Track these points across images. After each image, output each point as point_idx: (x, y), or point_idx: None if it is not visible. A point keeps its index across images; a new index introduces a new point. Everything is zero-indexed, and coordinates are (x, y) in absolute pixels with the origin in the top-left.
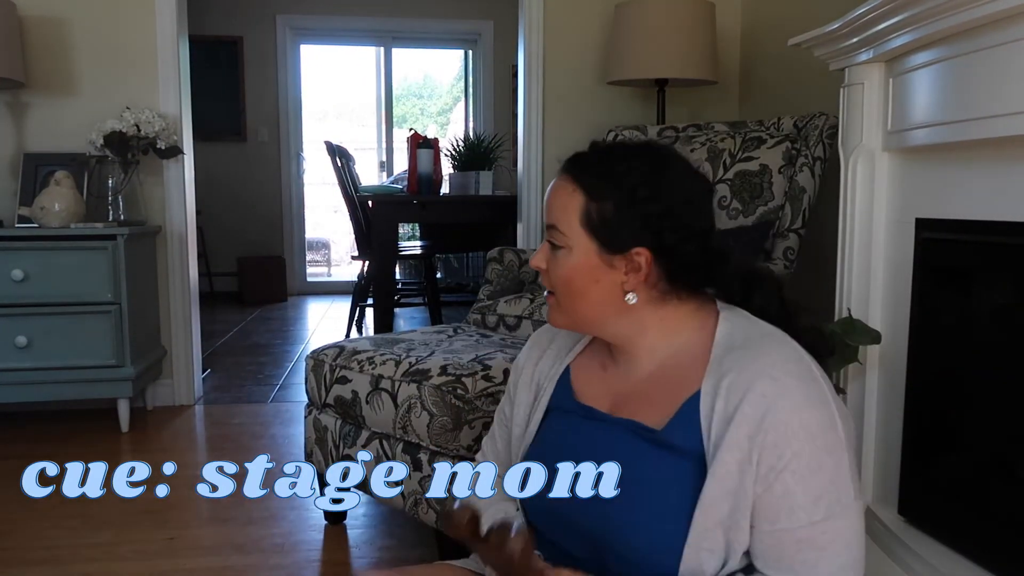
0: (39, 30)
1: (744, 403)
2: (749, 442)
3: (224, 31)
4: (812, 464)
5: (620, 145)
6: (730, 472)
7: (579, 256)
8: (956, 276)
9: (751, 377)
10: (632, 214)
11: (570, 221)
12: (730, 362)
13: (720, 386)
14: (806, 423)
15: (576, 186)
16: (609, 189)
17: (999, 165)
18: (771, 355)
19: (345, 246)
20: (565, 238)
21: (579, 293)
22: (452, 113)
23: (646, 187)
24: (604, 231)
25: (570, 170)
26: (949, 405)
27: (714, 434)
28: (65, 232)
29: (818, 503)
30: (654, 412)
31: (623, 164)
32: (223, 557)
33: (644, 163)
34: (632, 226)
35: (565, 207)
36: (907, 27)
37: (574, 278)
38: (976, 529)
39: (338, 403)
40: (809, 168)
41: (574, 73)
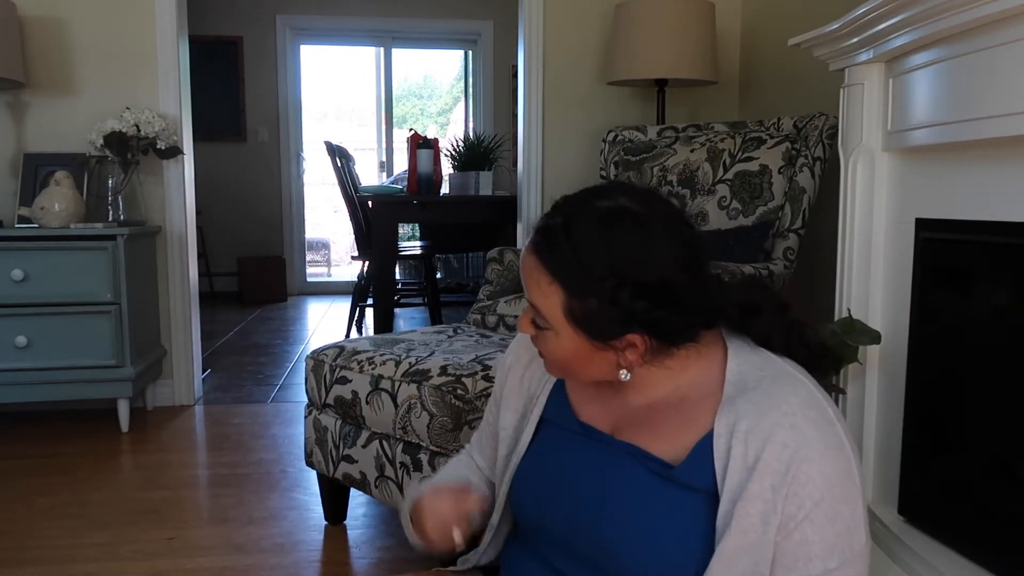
0: (39, 30)
1: (765, 453)
2: (773, 493)
3: (224, 31)
4: (830, 513)
5: (589, 218)
6: (753, 525)
7: (567, 343)
8: (956, 276)
9: (770, 426)
10: (618, 310)
11: (552, 312)
12: (745, 405)
13: (736, 430)
14: (826, 473)
15: (552, 278)
16: (590, 287)
17: (999, 165)
18: (789, 401)
19: (345, 246)
20: (550, 324)
21: (575, 369)
22: (452, 113)
23: (628, 281)
24: (589, 326)
25: (543, 256)
26: (949, 405)
27: (732, 482)
28: (65, 232)
29: (833, 551)
30: (663, 443)
31: (601, 255)
32: (223, 557)
33: (623, 245)
34: (620, 320)
35: (545, 297)
36: (907, 27)
37: (568, 360)
38: (976, 529)
39: (338, 403)
40: (809, 168)
41: (574, 73)
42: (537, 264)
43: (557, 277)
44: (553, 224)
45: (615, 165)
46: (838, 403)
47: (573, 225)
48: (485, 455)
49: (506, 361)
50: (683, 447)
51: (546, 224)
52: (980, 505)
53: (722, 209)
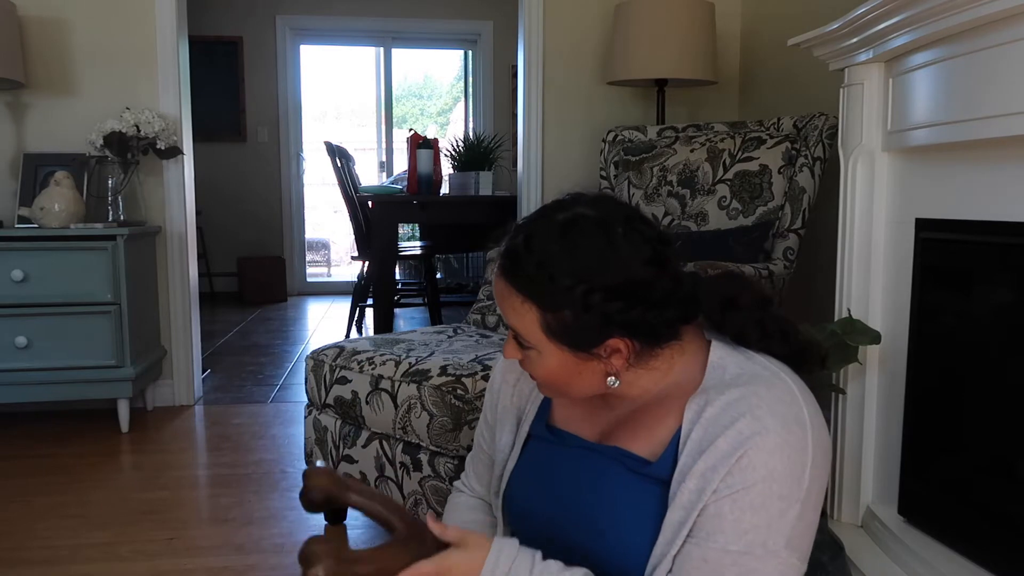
0: (39, 30)
1: (720, 437)
2: (712, 472)
3: (224, 31)
4: (756, 502)
5: (549, 234)
6: (691, 500)
7: (551, 360)
8: (956, 276)
9: (734, 415)
10: (593, 316)
11: (530, 331)
12: (716, 395)
13: (701, 416)
14: (772, 466)
15: (524, 297)
16: (561, 298)
17: (999, 165)
18: (760, 394)
19: (345, 246)
20: (531, 344)
21: (565, 384)
22: (452, 113)
23: (595, 286)
24: (569, 337)
25: (510, 278)
26: (949, 405)
27: (684, 463)
28: (65, 232)
29: (742, 536)
30: (642, 440)
31: (566, 264)
32: (223, 557)
33: (587, 253)
34: (598, 325)
35: (521, 317)
36: (907, 27)
37: (556, 377)
38: (976, 529)
39: (338, 403)
40: (809, 168)
41: (574, 73)
42: (507, 286)
43: (528, 295)
44: (515, 244)
45: (615, 165)
46: (838, 403)
47: (534, 241)
48: (483, 481)
49: (494, 384)
50: (659, 443)
51: (509, 246)
52: (980, 505)
53: (722, 209)
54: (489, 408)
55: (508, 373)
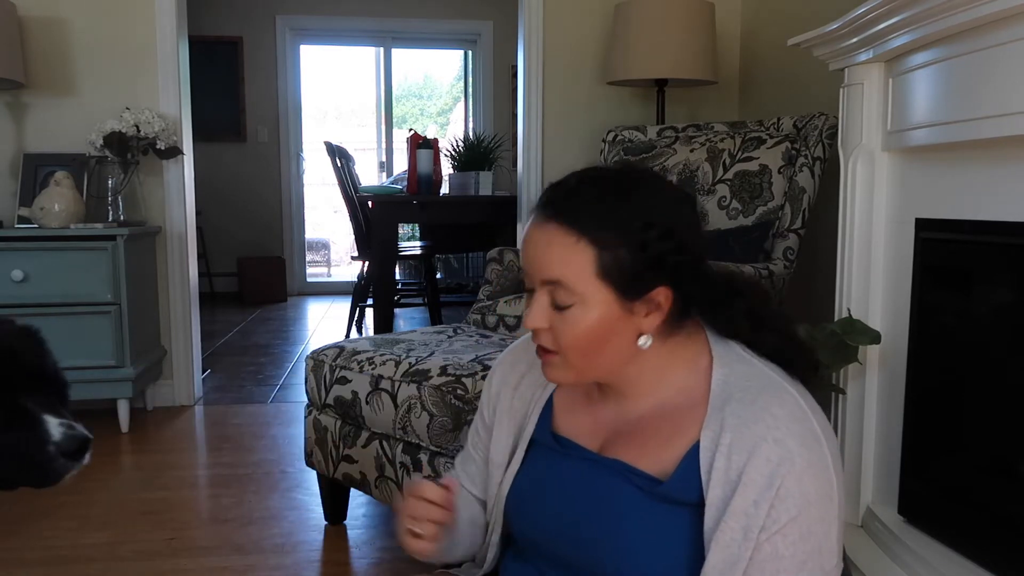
0: (39, 30)
1: (749, 467)
2: (755, 507)
3: (224, 31)
4: (804, 531)
5: (603, 178)
6: (736, 540)
7: (597, 310)
8: (956, 276)
9: (754, 440)
10: (648, 256)
11: (580, 275)
12: (730, 416)
13: (720, 442)
14: (806, 491)
15: (579, 236)
16: (619, 234)
17: (999, 165)
18: (774, 413)
19: (345, 246)
20: (576, 295)
21: (596, 349)
22: (452, 113)
23: (655, 224)
24: (623, 279)
25: (563, 217)
26: (949, 405)
27: (715, 496)
28: (65, 232)
29: (802, 568)
30: (650, 457)
31: (624, 200)
32: (223, 557)
33: (641, 195)
34: (651, 268)
35: (570, 260)
36: (907, 27)
37: (593, 335)
38: (976, 529)
39: (338, 403)
40: (809, 168)
41: (574, 73)
42: (558, 228)
43: (586, 233)
44: (567, 185)
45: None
46: (838, 403)
47: (588, 181)
48: (476, 483)
49: (492, 388)
50: (670, 461)
51: (558, 190)
52: (980, 505)
53: (722, 209)
54: (487, 410)
55: (509, 376)
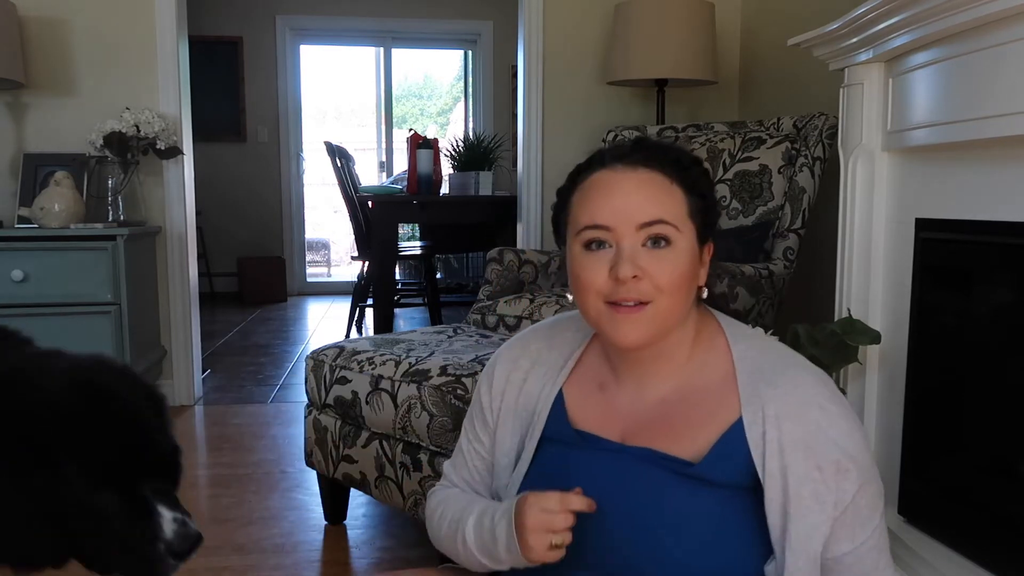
0: (39, 30)
1: (800, 433)
2: (820, 472)
3: (224, 31)
4: (865, 477)
5: (658, 141)
6: (810, 507)
7: (687, 250)
8: (956, 276)
9: (798, 407)
10: (710, 204)
11: (677, 213)
12: (766, 388)
13: (766, 414)
14: (857, 444)
15: (672, 179)
16: (696, 182)
17: (999, 165)
18: (806, 381)
19: (345, 246)
20: (676, 232)
21: (685, 291)
22: (452, 113)
23: (710, 183)
24: (702, 222)
25: (653, 163)
26: (949, 405)
27: (774, 466)
28: (65, 232)
29: (874, 511)
30: (681, 442)
31: (686, 158)
32: (223, 557)
33: (697, 159)
34: (711, 217)
35: (666, 201)
36: (907, 27)
37: (685, 275)
38: (976, 529)
39: (338, 403)
40: (809, 168)
41: (574, 73)
42: (651, 173)
43: (675, 177)
44: (642, 141)
45: None
46: None
47: (650, 140)
48: (479, 491)
49: (496, 384)
50: (703, 443)
51: (635, 143)
52: (980, 505)
53: (722, 209)
54: (489, 413)
55: (512, 373)
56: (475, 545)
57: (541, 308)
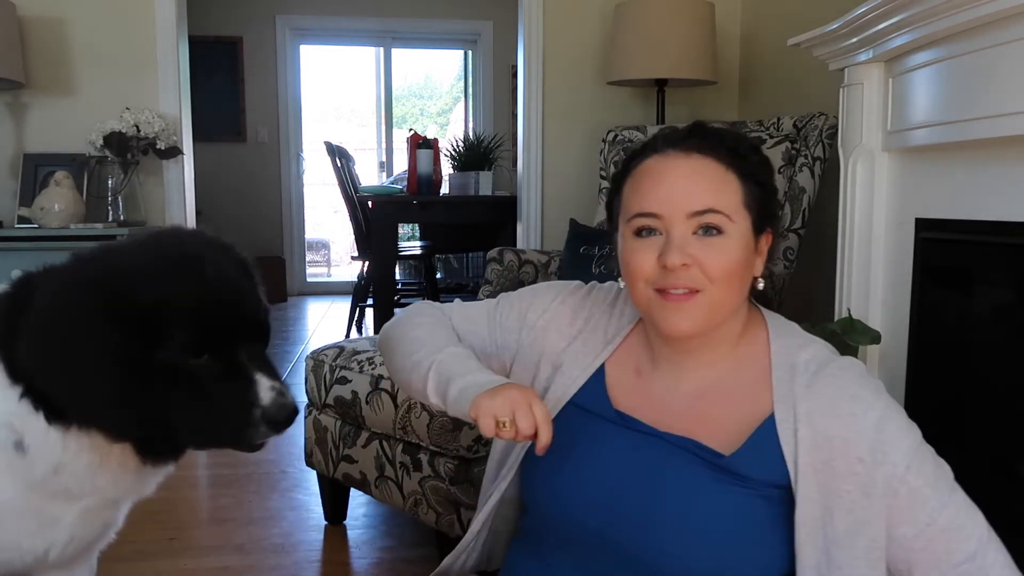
0: (39, 30)
1: (837, 428)
2: (862, 465)
3: (224, 31)
4: (919, 455)
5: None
6: (856, 501)
7: (740, 240)
8: (956, 276)
9: (832, 402)
10: (768, 193)
11: (731, 203)
12: (801, 387)
13: (798, 412)
14: (901, 425)
15: (726, 167)
16: (753, 170)
17: (999, 165)
18: (838, 375)
19: (345, 246)
20: (727, 220)
21: (737, 282)
22: (452, 113)
23: (769, 171)
24: (758, 211)
25: (709, 149)
26: (949, 405)
27: (807, 463)
28: (65, 232)
29: (938, 485)
30: (716, 433)
31: (744, 145)
32: (223, 557)
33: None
34: (768, 206)
35: (719, 189)
36: (906, 27)
37: (736, 265)
38: None
39: (338, 403)
40: (809, 168)
41: (574, 73)
42: (706, 159)
43: (731, 164)
44: (699, 127)
45: (615, 165)
46: None
47: (707, 126)
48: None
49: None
50: (736, 436)
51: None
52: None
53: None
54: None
55: (572, 323)
56: (437, 367)
57: None
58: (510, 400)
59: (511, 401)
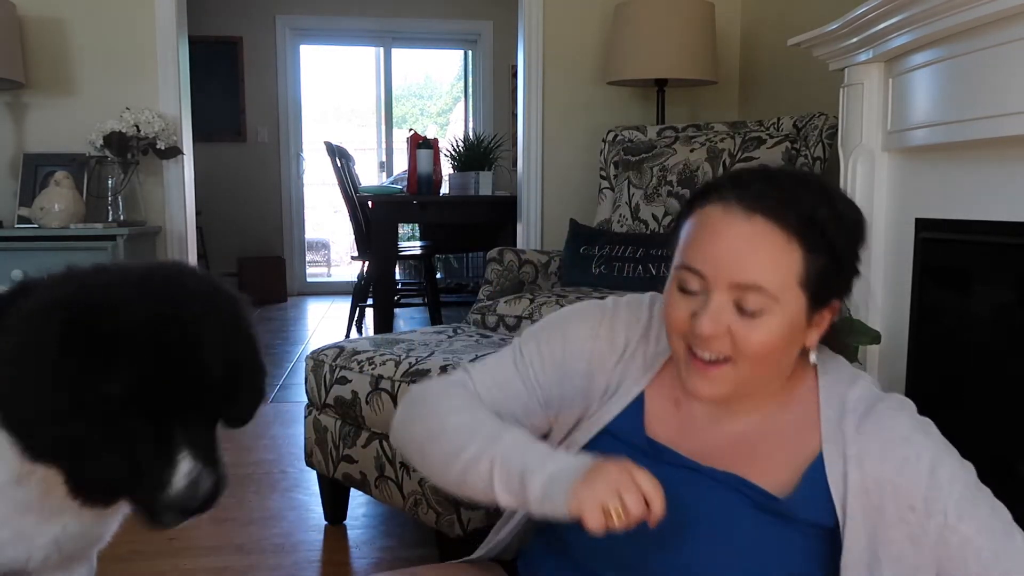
0: (39, 30)
1: (888, 473)
2: (912, 512)
3: (224, 31)
4: (972, 499)
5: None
6: (904, 551)
7: (787, 318)
8: (956, 276)
9: (883, 445)
10: (842, 267)
11: (784, 280)
12: (850, 428)
13: (848, 454)
14: (953, 470)
15: (791, 236)
16: (826, 238)
17: (999, 165)
18: (891, 416)
19: (345, 246)
20: (772, 301)
21: (774, 359)
22: (452, 113)
23: (853, 236)
24: (819, 288)
25: (773, 212)
26: (949, 405)
27: (856, 509)
28: (65, 232)
29: (993, 528)
30: (765, 473)
31: (827, 203)
32: (223, 557)
33: (842, 202)
34: (839, 279)
35: (776, 263)
36: (906, 27)
37: (774, 346)
38: None
39: (338, 403)
40: (809, 168)
41: (574, 73)
42: (768, 226)
43: (797, 233)
44: (769, 176)
45: (615, 165)
46: None
47: (788, 176)
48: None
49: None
50: (785, 476)
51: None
52: None
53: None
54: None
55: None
56: (502, 461)
57: (541, 308)
58: (611, 481)
59: (612, 482)
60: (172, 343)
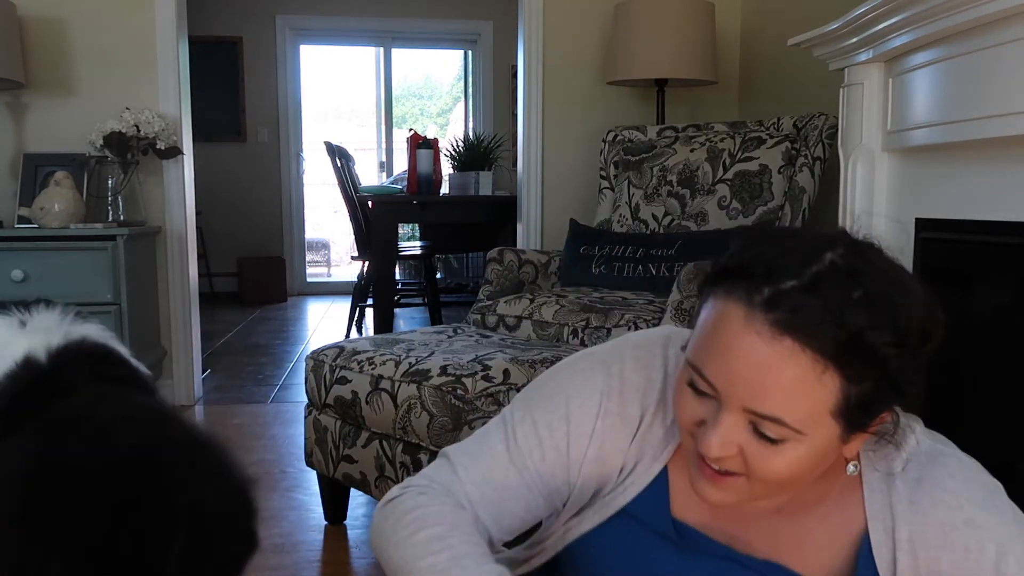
0: (39, 30)
1: (946, 564)
2: None
3: (224, 31)
4: None
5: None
6: None
7: (816, 446)
8: (956, 276)
9: (942, 529)
10: (892, 390)
11: (810, 414)
12: (899, 503)
13: (897, 536)
14: (1020, 555)
15: (827, 363)
16: (877, 361)
17: (999, 165)
18: (948, 488)
19: (345, 246)
20: (797, 435)
21: (795, 481)
22: (452, 113)
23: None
24: (858, 414)
25: (805, 334)
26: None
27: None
28: (65, 232)
29: None
30: (804, 556)
31: (884, 318)
32: None
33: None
34: (892, 394)
35: (804, 397)
36: (906, 27)
37: (801, 468)
38: None
39: (338, 403)
40: (809, 168)
41: (574, 73)
42: (798, 350)
43: (836, 359)
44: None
45: (615, 165)
46: None
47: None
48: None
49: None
50: (828, 558)
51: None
52: None
53: (722, 209)
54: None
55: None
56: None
57: (541, 308)
58: None
59: None
60: (133, 534)
